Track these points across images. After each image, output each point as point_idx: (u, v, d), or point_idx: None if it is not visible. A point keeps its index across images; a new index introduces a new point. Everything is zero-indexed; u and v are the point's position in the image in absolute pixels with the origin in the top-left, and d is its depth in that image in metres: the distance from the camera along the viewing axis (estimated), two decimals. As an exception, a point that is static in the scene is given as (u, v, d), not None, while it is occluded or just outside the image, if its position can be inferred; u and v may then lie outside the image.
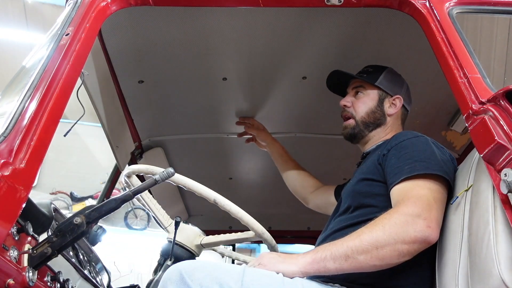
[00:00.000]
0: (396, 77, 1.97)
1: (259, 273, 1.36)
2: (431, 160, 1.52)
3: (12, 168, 1.09)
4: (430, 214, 1.38)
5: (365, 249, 1.34)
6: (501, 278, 1.11)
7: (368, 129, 1.89)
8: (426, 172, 1.47)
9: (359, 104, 1.91)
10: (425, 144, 1.61)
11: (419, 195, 1.42)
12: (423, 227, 1.35)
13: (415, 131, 1.73)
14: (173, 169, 1.35)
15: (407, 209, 1.38)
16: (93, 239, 2.20)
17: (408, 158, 1.55)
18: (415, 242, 1.34)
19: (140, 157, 2.79)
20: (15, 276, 1.06)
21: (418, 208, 1.37)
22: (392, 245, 1.33)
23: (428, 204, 1.39)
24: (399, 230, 1.34)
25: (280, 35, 2.08)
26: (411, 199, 1.41)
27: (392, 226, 1.35)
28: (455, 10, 1.57)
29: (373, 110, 1.90)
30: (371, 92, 1.92)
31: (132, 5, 1.66)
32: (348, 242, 1.38)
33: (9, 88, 1.52)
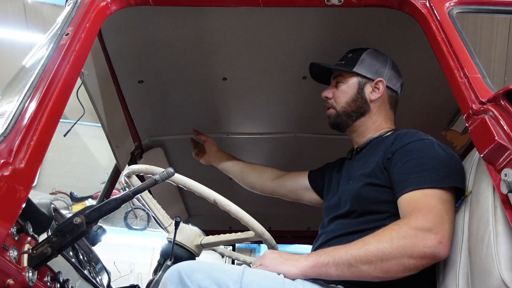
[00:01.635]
0: (377, 58, 1.87)
1: (259, 274, 1.35)
2: (440, 170, 1.47)
3: (12, 168, 1.09)
4: (442, 228, 1.33)
5: (369, 260, 1.31)
6: (501, 278, 1.11)
7: (351, 119, 1.82)
8: (435, 186, 1.43)
9: (339, 95, 1.84)
10: (431, 150, 1.55)
11: (430, 206, 1.37)
12: (435, 243, 1.30)
13: (418, 131, 1.69)
14: (173, 169, 1.35)
15: (417, 222, 1.33)
16: (93, 239, 2.20)
17: (415, 166, 1.50)
18: (423, 258, 1.31)
19: (140, 157, 2.79)
20: (15, 276, 1.06)
21: (429, 222, 1.32)
22: (398, 259, 1.30)
23: (440, 217, 1.34)
24: (408, 245, 1.30)
25: (280, 35, 2.08)
26: (422, 211, 1.36)
27: (401, 239, 1.31)
28: (455, 10, 1.57)
29: (354, 98, 1.82)
30: (350, 80, 1.84)
31: (132, 5, 1.66)
32: (352, 250, 1.34)
33: (9, 88, 1.52)
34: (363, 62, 1.84)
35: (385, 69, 1.85)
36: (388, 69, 1.86)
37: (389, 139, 1.67)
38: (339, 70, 1.85)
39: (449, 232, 1.34)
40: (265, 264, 1.42)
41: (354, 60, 1.84)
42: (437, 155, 1.52)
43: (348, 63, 1.85)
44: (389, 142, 1.64)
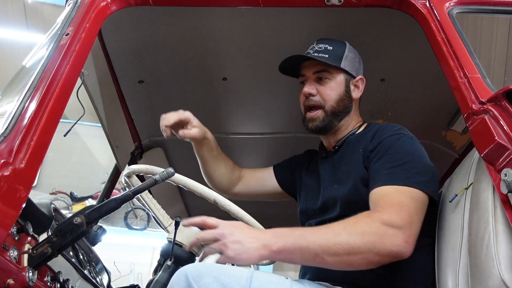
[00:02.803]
0: (355, 53, 1.78)
1: (267, 279, 1.33)
2: (412, 168, 1.45)
3: (12, 168, 1.09)
4: (411, 228, 1.33)
5: (336, 253, 1.28)
6: (501, 278, 1.11)
7: (337, 120, 1.70)
8: (408, 185, 1.41)
9: (327, 91, 1.68)
10: (407, 145, 1.52)
11: (402, 204, 1.36)
12: (402, 242, 1.30)
13: (396, 125, 1.64)
14: (173, 169, 1.35)
15: (390, 219, 1.31)
16: (93, 239, 2.20)
17: (387, 162, 1.48)
18: (388, 256, 1.31)
19: (140, 157, 2.79)
20: (15, 276, 1.06)
21: (400, 220, 1.31)
22: (365, 254, 1.29)
23: (411, 216, 1.34)
24: (377, 242, 1.28)
25: (280, 35, 2.08)
26: (395, 207, 1.35)
27: (372, 235, 1.29)
28: (455, 10, 1.57)
29: (342, 97, 1.69)
30: (338, 76, 1.70)
31: (132, 5, 1.66)
32: (321, 241, 1.29)
33: (9, 88, 1.52)
34: (347, 58, 1.73)
35: (361, 66, 1.80)
36: (361, 64, 1.80)
37: (367, 136, 1.62)
38: (326, 64, 1.68)
39: (416, 233, 1.34)
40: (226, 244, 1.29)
41: (339, 55, 1.71)
42: (412, 151, 1.51)
43: (332, 58, 1.69)
44: (368, 139, 1.60)
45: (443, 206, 1.57)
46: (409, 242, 1.31)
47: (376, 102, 2.45)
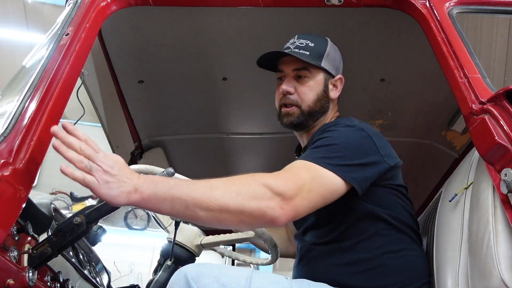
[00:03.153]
0: (336, 51, 1.71)
1: (267, 279, 1.33)
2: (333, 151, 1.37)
3: (12, 168, 1.09)
4: (293, 198, 1.23)
5: (209, 207, 1.18)
6: (501, 278, 1.11)
7: (313, 119, 1.64)
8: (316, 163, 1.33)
9: (305, 91, 1.62)
10: (341, 133, 1.45)
11: (298, 175, 1.28)
12: (276, 207, 1.21)
13: (352, 118, 1.58)
14: (173, 169, 1.35)
15: (273, 183, 1.22)
16: (93, 239, 2.20)
17: (314, 145, 1.43)
18: (261, 219, 1.22)
19: (140, 157, 2.79)
20: (15, 276, 1.06)
21: (284, 186, 1.22)
22: (237, 214, 1.20)
23: (298, 189, 1.25)
24: (251, 203, 1.19)
25: (280, 35, 2.08)
26: (287, 175, 1.27)
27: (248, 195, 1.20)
28: (455, 10, 1.57)
29: (320, 97, 1.63)
30: (317, 76, 1.63)
31: (132, 5, 1.66)
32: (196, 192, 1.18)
33: (9, 88, 1.52)
34: (328, 57, 1.65)
35: (341, 64, 1.72)
36: (341, 62, 1.73)
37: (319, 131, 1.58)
38: (306, 62, 1.61)
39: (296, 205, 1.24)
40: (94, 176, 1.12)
41: (320, 53, 1.64)
42: (343, 137, 1.43)
43: (313, 55, 1.62)
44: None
45: (442, 206, 1.57)
46: (284, 209, 1.21)
47: (376, 102, 2.45)
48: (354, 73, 2.28)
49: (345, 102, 2.45)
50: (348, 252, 1.45)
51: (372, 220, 1.46)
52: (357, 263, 1.43)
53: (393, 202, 1.50)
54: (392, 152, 1.54)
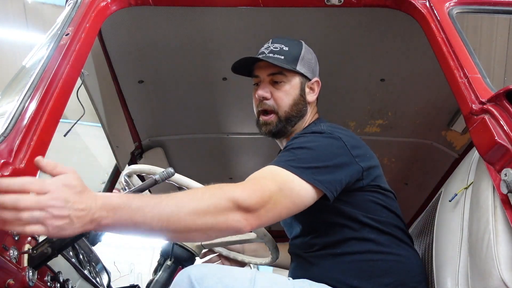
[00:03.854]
0: (311, 53, 1.68)
1: (270, 280, 1.33)
2: (299, 154, 1.36)
3: (12, 168, 1.09)
4: (257, 210, 1.21)
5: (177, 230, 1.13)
6: (501, 278, 1.11)
7: (291, 124, 1.62)
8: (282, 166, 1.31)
9: (281, 96, 1.60)
10: (310, 138, 1.44)
11: (265, 187, 1.25)
12: (241, 219, 1.18)
13: (327, 124, 1.57)
14: (173, 169, 1.35)
15: (240, 196, 1.19)
16: (93, 239, 2.20)
17: (285, 150, 1.42)
18: (226, 230, 1.20)
19: (140, 157, 2.79)
20: (15, 276, 1.06)
21: (251, 200, 1.20)
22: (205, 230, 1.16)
23: (265, 201, 1.22)
24: (218, 218, 1.16)
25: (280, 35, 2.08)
26: (254, 187, 1.24)
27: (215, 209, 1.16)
28: (455, 10, 1.57)
29: (297, 101, 1.61)
30: (293, 80, 1.61)
31: (132, 5, 1.66)
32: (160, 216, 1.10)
33: (9, 88, 1.52)
34: (303, 60, 1.63)
35: (316, 66, 1.70)
36: (317, 65, 1.70)
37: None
38: (281, 67, 1.59)
39: (261, 219, 1.22)
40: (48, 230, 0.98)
41: (295, 57, 1.62)
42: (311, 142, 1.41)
43: (288, 59, 1.60)
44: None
45: (442, 206, 1.57)
46: (248, 220, 1.19)
47: (376, 102, 2.45)
48: (354, 73, 2.28)
49: (345, 102, 2.47)
50: (339, 256, 1.45)
51: (356, 225, 1.45)
52: (349, 267, 1.42)
53: (374, 204, 1.48)
54: (366, 153, 1.50)
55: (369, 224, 1.45)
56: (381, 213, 1.48)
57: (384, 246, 1.44)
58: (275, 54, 1.61)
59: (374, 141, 2.61)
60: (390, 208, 1.51)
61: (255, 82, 1.68)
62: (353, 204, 1.46)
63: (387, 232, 1.47)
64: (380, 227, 1.46)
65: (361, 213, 1.46)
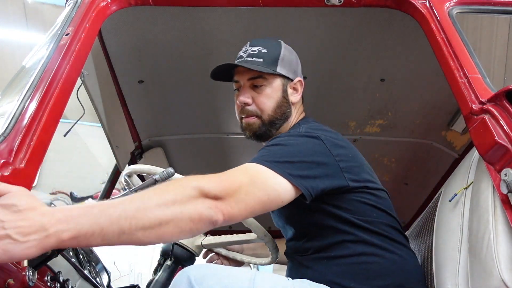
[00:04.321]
0: (291, 53, 1.65)
1: (270, 280, 1.33)
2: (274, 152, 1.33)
3: (12, 168, 1.09)
4: (225, 198, 1.15)
5: (147, 225, 1.05)
6: (501, 278, 1.11)
7: (275, 127, 1.60)
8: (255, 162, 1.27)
9: (263, 100, 1.58)
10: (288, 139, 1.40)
11: (234, 178, 1.20)
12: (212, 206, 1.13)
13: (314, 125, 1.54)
14: (173, 169, 1.35)
15: (204, 185, 1.13)
16: (93, 239, 2.20)
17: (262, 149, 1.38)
18: (199, 221, 1.12)
19: (140, 157, 2.79)
20: (15, 276, 1.06)
21: (216, 187, 1.14)
22: (175, 222, 1.08)
23: (234, 190, 1.17)
24: (187, 206, 1.10)
25: (280, 35, 2.08)
26: (221, 177, 1.18)
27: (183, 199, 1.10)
28: (455, 10, 1.57)
29: (280, 103, 1.58)
30: (274, 82, 1.58)
31: (132, 5, 1.66)
32: (126, 213, 1.03)
33: (9, 88, 1.52)
34: (284, 61, 1.60)
35: (298, 66, 1.67)
36: (299, 64, 1.67)
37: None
38: (259, 74, 1.58)
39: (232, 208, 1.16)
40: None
41: (274, 59, 1.58)
42: (288, 143, 1.38)
43: (267, 62, 1.57)
44: None
45: (442, 206, 1.57)
46: (219, 208, 1.14)
47: (376, 102, 2.45)
48: (354, 73, 2.28)
49: (345, 102, 2.47)
50: (333, 259, 1.43)
51: (347, 227, 1.43)
52: (344, 270, 1.41)
53: (363, 205, 1.45)
54: (349, 153, 1.47)
55: (361, 226, 1.43)
56: (372, 214, 1.45)
57: (378, 248, 1.42)
58: (254, 57, 1.58)
59: (374, 141, 2.62)
60: (382, 208, 1.48)
61: (235, 88, 1.66)
62: (341, 206, 1.43)
63: (380, 233, 1.45)
64: (372, 228, 1.44)
65: (351, 215, 1.43)
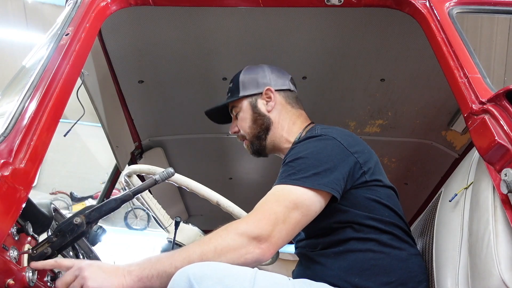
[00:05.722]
0: (254, 71, 1.83)
1: (270, 280, 1.32)
2: (299, 164, 1.42)
3: (12, 168, 1.09)
4: (269, 235, 1.29)
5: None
6: (501, 278, 1.11)
7: (262, 139, 1.77)
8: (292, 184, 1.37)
9: (241, 123, 1.80)
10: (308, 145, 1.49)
11: (270, 211, 1.32)
12: (257, 251, 1.28)
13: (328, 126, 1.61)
14: (173, 169, 1.35)
15: (246, 228, 1.28)
16: (93, 239, 2.19)
17: (284, 164, 1.47)
18: (244, 264, 1.28)
19: (140, 157, 2.79)
20: (15, 276, 1.06)
21: (258, 229, 1.28)
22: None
23: (273, 224, 1.30)
24: (229, 255, 1.26)
25: (280, 35, 2.08)
26: (258, 215, 1.32)
27: (224, 248, 1.27)
28: (455, 10, 1.57)
29: (253, 119, 1.77)
30: (243, 106, 1.80)
31: (132, 5, 1.66)
32: (177, 262, 1.26)
33: (9, 88, 1.52)
34: (244, 84, 1.80)
35: (265, 77, 1.81)
36: (269, 74, 1.81)
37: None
38: (229, 102, 1.82)
39: (277, 242, 1.31)
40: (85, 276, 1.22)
41: (237, 87, 1.81)
42: (308, 149, 1.46)
43: (233, 93, 1.82)
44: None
45: (442, 206, 1.57)
46: (263, 249, 1.28)
47: (376, 102, 2.45)
48: (354, 73, 2.29)
49: (345, 102, 2.47)
50: (341, 254, 1.45)
51: (357, 225, 1.46)
52: (350, 265, 1.43)
53: (375, 203, 1.49)
54: (364, 149, 1.54)
55: (371, 224, 1.46)
56: (383, 212, 1.49)
57: (385, 246, 1.45)
58: (227, 94, 1.85)
59: (374, 141, 2.62)
60: (391, 207, 1.52)
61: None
62: (354, 203, 1.48)
63: (389, 232, 1.47)
64: (381, 227, 1.47)
65: (362, 213, 1.47)
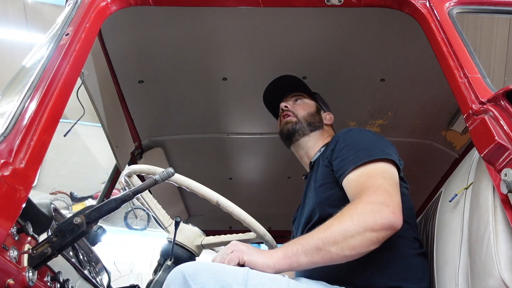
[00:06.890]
0: (323, 100, 2.11)
1: (264, 276, 1.34)
2: (372, 147, 1.60)
3: (12, 168, 1.09)
4: (392, 200, 1.41)
5: (336, 240, 1.33)
6: (501, 278, 1.11)
7: (310, 127, 1.95)
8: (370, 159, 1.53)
9: (299, 107, 1.99)
10: (361, 133, 1.70)
11: (376, 184, 1.46)
12: (389, 213, 1.37)
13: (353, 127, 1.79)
14: (173, 169, 1.35)
15: (370, 198, 1.40)
16: (93, 239, 2.20)
17: (350, 149, 1.61)
18: (383, 229, 1.36)
19: (140, 157, 2.79)
20: (15, 276, 1.06)
21: (380, 196, 1.40)
22: (361, 233, 1.34)
23: (388, 191, 1.43)
24: (367, 219, 1.35)
25: (280, 35, 2.08)
26: (371, 189, 1.44)
27: (360, 215, 1.36)
28: (455, 10, 1.57)
29: (313, 113, 1.98)
30: (309, 101, 2.03)
31: (132, 5, 1.66)
32: (318, 234, 1.36)
33: (9, 88, 1.52)
34: (317, 97, 2.08)
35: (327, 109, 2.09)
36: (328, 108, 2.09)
37: (330, 145, 1.78)
38: (302, 92, 2.04)
39: (399, 204, 1.42)
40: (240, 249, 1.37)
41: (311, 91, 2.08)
42: (367, 136, 1.68)
43: (308, 90, 2.06)
44: (330, 148, 1.76)
45: (442, 206, 1.57)
46: (395, 213, 1.38)
47: (376, 102, 2.45)
48: (354, 73, 2.29)
49: (345, 102, 2.47)
50: None
51: None
52: (355, 261, 1.42)
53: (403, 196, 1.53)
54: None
55: None
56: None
57: (392, 242, 1.44)
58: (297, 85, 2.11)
59: (374, 141, 2.62)
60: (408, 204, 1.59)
61: None
62: None
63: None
64: None
65: None
